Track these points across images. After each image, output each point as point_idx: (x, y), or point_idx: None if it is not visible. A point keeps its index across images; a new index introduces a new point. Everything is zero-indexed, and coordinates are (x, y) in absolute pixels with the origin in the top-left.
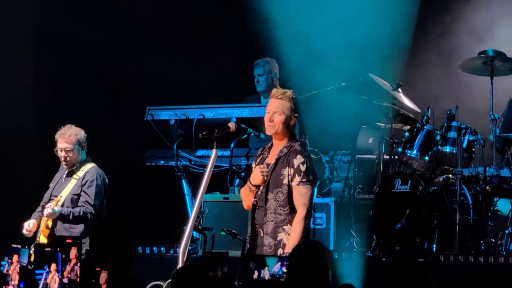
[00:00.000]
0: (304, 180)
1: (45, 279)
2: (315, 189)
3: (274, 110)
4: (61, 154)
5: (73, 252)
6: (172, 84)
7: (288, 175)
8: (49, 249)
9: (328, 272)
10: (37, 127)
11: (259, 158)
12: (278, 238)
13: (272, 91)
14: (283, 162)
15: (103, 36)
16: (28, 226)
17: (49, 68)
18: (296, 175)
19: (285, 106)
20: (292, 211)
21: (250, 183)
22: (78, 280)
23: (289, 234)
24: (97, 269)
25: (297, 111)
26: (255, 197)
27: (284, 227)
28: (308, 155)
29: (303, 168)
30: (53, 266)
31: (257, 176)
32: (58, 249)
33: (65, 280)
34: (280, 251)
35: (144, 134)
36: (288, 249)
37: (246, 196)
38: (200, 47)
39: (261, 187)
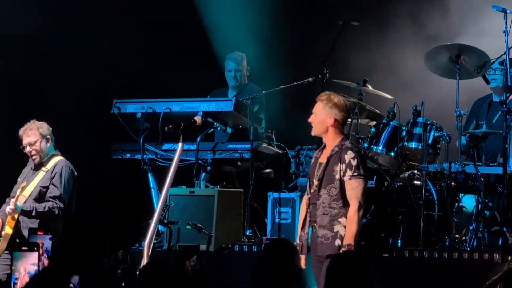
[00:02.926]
0: (356, 174)
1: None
2: (366, 183)
3: (313, 111)
4: (28, 149)
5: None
6: (138, 77)
7: (340, 170)
8: (26, 248)
9: (300, 272)
10: (4, 123)
11: (313, 159)
12: (335, 230)
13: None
14: (335, 159)
15: (68, 31)
16: None
17: (15, 63)
18: (348, 169)
19: (319, 107)
20: (345, 204)
21: None
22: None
23: (344, 226)
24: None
25: (333, 112)
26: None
27: (339, 219)
28: (359, 151)
29: (354, 163)
30: (22, 268)
31: None
32: (35, 248)
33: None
34: (338, 242)
35: (110, 127)
36: (347, 241)
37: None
38: (167, 39)
39: (314, 186)
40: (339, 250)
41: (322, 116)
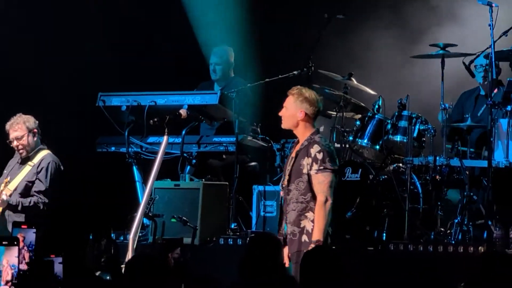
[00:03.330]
0: (322, 168)
1: None
2: (335, 176)
3: (284, 104)
4: (15, 143)
5: (19, 238)
6: (123, 70)
7: (307, 164)
8: (6, 242)
9: (284, 266)
10: None
11: (289, 155)
12: (301, 226)
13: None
14: (303, 153)
15: (53, 23)
16: None
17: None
18: (314, 163)
19: (290, 101)
20: (313, 198)
21: None
22: (27, 267)
23: (311, 221)
24: (52, 256)
25: (303, 106)
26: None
27: (306, 214)
28: (326, 144)
29: (319, 156)
30: (5, 260)
31: None
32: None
33: (17, 269)
34: (304, 237)
35: (95, 120)
36: (315, 237)
37: None
38: (152, 31)
39: (285, 180)
40: (307, 246)
41: (293, 110)
